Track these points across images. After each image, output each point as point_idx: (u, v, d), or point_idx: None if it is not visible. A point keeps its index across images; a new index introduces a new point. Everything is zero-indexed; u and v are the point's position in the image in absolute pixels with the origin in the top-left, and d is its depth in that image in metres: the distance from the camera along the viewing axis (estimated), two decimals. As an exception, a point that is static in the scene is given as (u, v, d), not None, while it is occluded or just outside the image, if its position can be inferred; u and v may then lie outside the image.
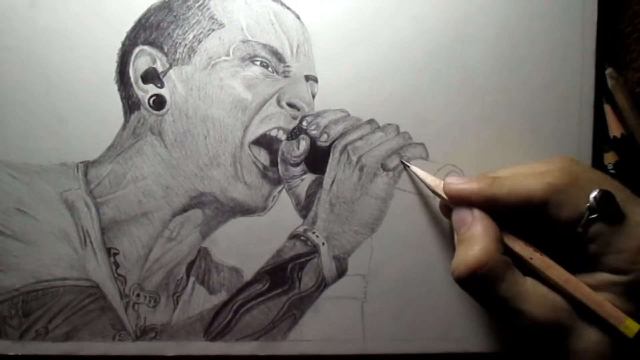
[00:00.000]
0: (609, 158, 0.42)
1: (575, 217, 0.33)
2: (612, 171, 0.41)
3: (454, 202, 0.37)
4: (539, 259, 0.34)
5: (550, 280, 0.33)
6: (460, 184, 0.36)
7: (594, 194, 0.32)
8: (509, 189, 0.34)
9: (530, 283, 0.34)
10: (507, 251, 0.35)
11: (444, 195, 0.37)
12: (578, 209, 0.33)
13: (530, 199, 0.33)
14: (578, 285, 0.32)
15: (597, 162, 0.42)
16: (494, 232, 0.35)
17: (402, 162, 0.41)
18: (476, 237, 0.34)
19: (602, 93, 0.42)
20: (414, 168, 0.40)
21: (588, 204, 0.32)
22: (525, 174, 0.35)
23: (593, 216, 0.32)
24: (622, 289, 0.32)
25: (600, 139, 0.42)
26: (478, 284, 0.34)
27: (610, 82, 0.41)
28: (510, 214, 0.35)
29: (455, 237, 0.36)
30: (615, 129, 0.41)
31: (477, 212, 0.35)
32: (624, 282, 0.32)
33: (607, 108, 0.42)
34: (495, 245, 0.34)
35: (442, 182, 0.37)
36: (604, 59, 0.42)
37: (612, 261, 0.32)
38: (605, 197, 0.32)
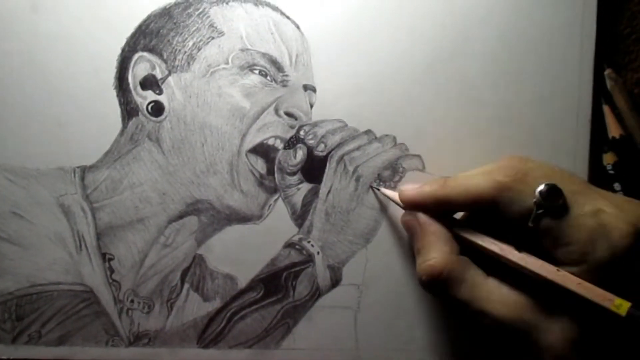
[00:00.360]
0: (608, 159, 0.42)
1: (525, 213, 0.33)
2: (611, 172, 0.41)
3: (410, 209, 0.38)
4: (509, 252, 0.34)
5: (525, 270, 0.33)
6: (413, 190, 0.37)
7: (539, 188, 0.32)
8: (459, 189, 0.35)
9: (492, 283, 0.34)
10: (471, 249, 0.35)
11: (399, 197, 0.38)
12: (526, 205, 0.33)
13: (479, 197, 0.34)
14: (558, 272, 0.32)
15: (596, 164, 0.42)
16: (445, 235, 0.35)
17: (371, 186, 0.41)
18: (429, 244, 0.35)
19: (601, 94, 0.42)
20: (383, 190, 0.41)
21: (534, 199, 0.32)
22: (475, 174, 0.35)
23: (540, 211, 0.32)
24: None
25: (599, 141, 0.42)
26: (439, 288, 0.34)
27: (609, 83, 0.42)
28: (467, 212, 0.36)
29: (413, 246, 0.37)
30: (614, 130, 0.41)
31: (422, 217, 0.36)
32: (579, 274, 0.32)
33: (606, 109, 0.42)
34: (449, 246, 0.35)
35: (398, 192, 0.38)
36: (603, 61, 0.42)
37: (564, 254, 0.32)
38: (551, 191, 0.32)
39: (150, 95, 0.41)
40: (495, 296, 0.33)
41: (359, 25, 0.42)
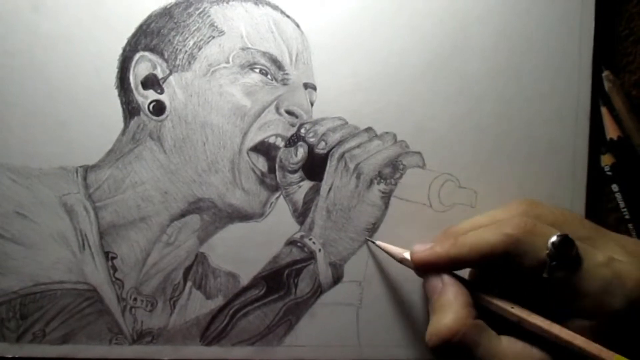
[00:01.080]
0: (606, 160, 0.42)
1: (537, 265, 0.32)
2: (609, 173, 0.42)
3: (422, 270, 0.37)
4: (518, 309, 0.33)
5: (533, 327, 0.33)
6: (425, 251, 0.36)
7: (552, 239, 0.32)
8: (470, 246, 0.34)
9: (505, 342, 0.33)
10: (482, 310, 0.35)
11: (411, 265, 0.37)
12: (538, 257, 0.32)
13: (491, 253, 0.33)
14: (561, 329, 0.32)
15: (594, 165, 0.42)
16: (464, 297, 0.34)
17: (367, 239, 0.42)
18: (447, 305, 0.34)
19: (598, 96, 0.42)
20: (379, 243, 0.41)
21: (547, 251, 0.32)
22: (485, 228, 0.34)
23: (553, 263, 0.32)
24: (594, 333, 0.32)
25: (597, 142, 0.42)
26: (453, 352, 0.33)
27: (607, 85, 0.42)
28: (480, 268, 0.35)
29: (429, 305, 0.36)
30: (612, 131, 0.42)
31: (446, 279, 0.35)
32: (594, 326, 0.31)
33: (604, 110, 0.42)
34: (466, 311, 0.34)
35: (409, 252, 0.37)
36: (601, 63, 0.42)
37: (580, 305, 0.32)
38: (563, 242, 0.32)
39: (151, 95, 0.42)
40: (511, 355, 0.33)
41: (359, 23, 0.42)
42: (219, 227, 0.42)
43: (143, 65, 0.42)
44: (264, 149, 0.42)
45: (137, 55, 0.42)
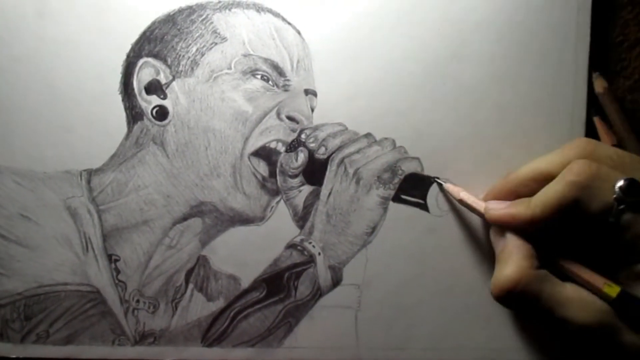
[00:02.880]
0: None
1: (604, 208, 0.33)
2: None
3: (495, 225, 0.38)
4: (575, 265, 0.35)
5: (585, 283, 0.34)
6: (500, 209, 0.37)
7: (619, 183, 0.33)
8: (543, 206, 0.35)
9: (570, 289, 0.34)
10: (548, 262, 0.35)
11: (485, 216, 0.38)
12: (606, 201, 0.33)
13: (562, 205, 0.34)
14: (572, 263, 0.34)
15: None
16: (526, 250, 0.35)
17: (435, 181, 0.42)
18: (508, 257, 0.35)
19: (591, 105, 0.42)
20: (447, 186, 0.41)
21: (615, 195, 0.33)
22: (550, 184, 0.35)
23: (621, 207, 0.32)
24: None
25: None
26: (515, 301, 0.35)
27: (597, 88, 0.42)
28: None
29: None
30: (606, 140, 0.42)
31: (508, 234, 0.37)
32: None
33: (597, 120, 0.42)
34: (528, 262, 0.35)
35: (484, 205, 0.39)
36: (596, 69, 0.43)
37: None
38: (631, 186, 0.32)
39: (154, 100, 0.42)
40: (575, 302, 0.34)
41: (359, 31, 0.42)
42: (220, 230, 0.43)
43: (146, 71, 0.42)
44: (265, 153, 0.43)
45: (141, 61, 0.42)
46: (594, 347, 0.34)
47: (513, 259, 0.35)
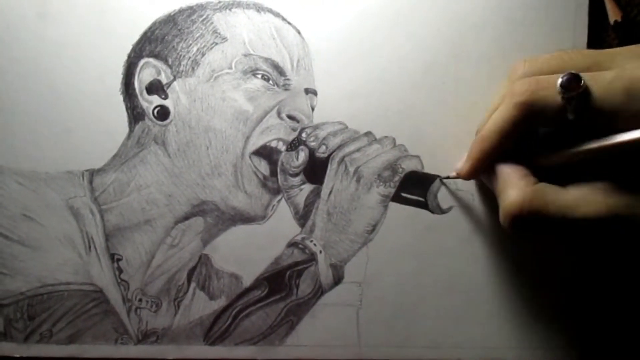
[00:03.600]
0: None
1: (561, 111, 0.32)
2: None
3: (475, 176, 0.39)
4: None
5: (595, 151, 0.33)
6: (465, 164, 0.38)
7: (559, 81, 0.32)
8: (494, 134, 0.35)
9: (572, 190, 0.33)
10: (543, 175, 0.35)
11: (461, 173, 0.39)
12: (557, 105, 0.32)
13: (515, 127, 0.34)
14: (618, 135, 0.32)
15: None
16: (518, 171, 0.35)
17: (441, 180, 0.42)
18: (505, 186, 0.35)
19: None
20: (446, 179, 0.42)
21: (561, 95, 0.32)
22: (496, 111, 0.35)
23: (572, 101, 0.32)
24: None
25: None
26: (529, 223, 0.34)
27: None
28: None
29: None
30: (613, 14, 0.41)
31: (497, 167, 0.36)
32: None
33: None
34: (524, 181, 0.34)
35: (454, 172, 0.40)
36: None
37: (617, 126, 0.31)
38: (571, 80, 0.32)
39: (156, 100, 0.42)
40: (583, 200, 0.33)
41: (359, 30, 0.43)
42: (222, 229, 0.43)
43: (147, 71, 0.42)
44: (266, 152, 0.43)
45: (142, 62, 0.42)
46: (614, 240, 0.34)
47: (509, 184, 0.35)
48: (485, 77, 0.43)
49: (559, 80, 0.32)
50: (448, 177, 0.42)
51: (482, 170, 0.38)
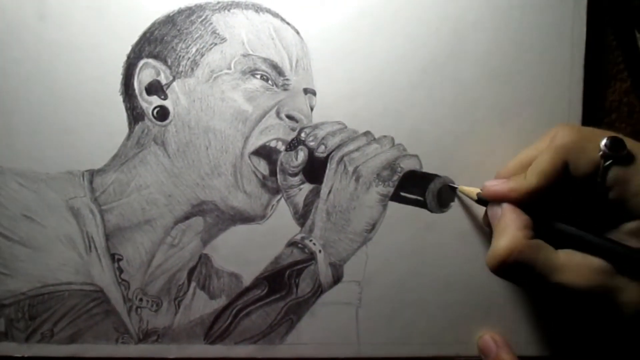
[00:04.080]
0: None
1: (592, 168, 0.34)
2: None
3: (493, 202, 0.39)
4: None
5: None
6: (498, 184, 0.38)
7: (603, 141, 0.34)
8: (537, 174, 0.36)
9: (563, 256, 0.35)
10: (543, 234, 0.36)
11: (479, 197, 0.39)
12: (593, 159, 0.34)
13: (554, 170, 0.35)
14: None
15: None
16: (521, 220, 0.36)
17: (450, 186, 0.42)
18: (503, 229, 0.36)
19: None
20: (460, 188, 0.42)
21: (600, 152, 0.34)
22: (540, 155, 0.36)
23: (608, 162, 0.34)
24: None
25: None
26: (510, 271, 0.35)
27: None
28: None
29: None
30: None
31: (505, 206, 0.37)
32: None
33: None
34: (522, 232, 0.35)
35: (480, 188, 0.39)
36: (592, 73, 0.43)
37: (635, 204, 0.34)
38: (615, 141, 0.34)
39: (155, 101, 0.43)
40: (570, 267, 0.34)
41: (357, 30, 0.43)
42: (221, 229, 0.43)
43: (147, 71, 0.43)
44: (265, 152, 0.43)
45: (141, 62, 0.42)
46: (592, 310, 0.35)
47: (507, 230, 0.36)
48: (484, 76, 0.43)
49: (604, 140, 0.34)
50: (455, 187, 0.42)
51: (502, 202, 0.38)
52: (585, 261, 0.34)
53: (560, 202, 0.36)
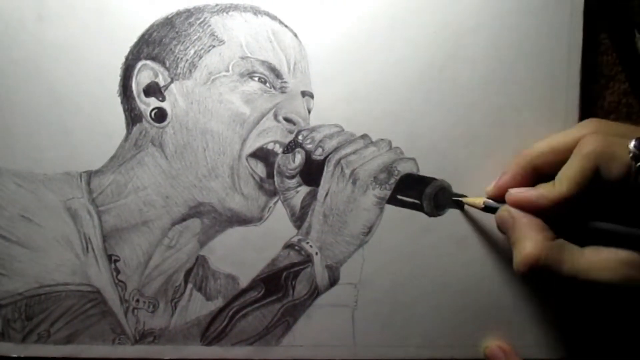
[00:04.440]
0: None
1: (624, 171, 0.34)
2: None
3: (519, 209, 0.38)
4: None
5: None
6: (522, 192, 0.38)
7: (632, 143, 0.34)
8: (568, 181, 0.35)
9: (589, 252, 0.35)
10: (563, 231, 0.36)
11: (486, 205, 0.40)
12: (624, 162, 0.34)
13: (586, 177, 0.35)
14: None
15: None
16: (537, 224, 0.36)
17: (454, 200, 0.43)
18: (523, 235, 0.36)
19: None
20: (464, 200, 0.42)
21: (630, 154, 0.34)
22: (567, 163, 0.36)
23: (639, 164, 0.34)
24: None
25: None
26: (541, 275, 0.35)
27: None
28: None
29: (509, 241, 0.38)
30: None
31: (514, 212, 0.37)
32: None
33: None
34: (543, 235, 0.36)
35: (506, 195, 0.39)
36: (590, 75, 0.43)
37: None
38: None
39: (153, 102, 0.43)
40: (597, 263, 0.34)
41: (355, 33, 0.43)
42: (218, 230, 0.44)
43: (145, 73, 0.43)
44: (262, 155, 0.43)
45: (140, 64, 0.43)
46: (623, 303, 0.35)
47: (528, 235, 0.36)
48: (481, 80, 0.43)
49: (632, 143, 0.34)
50: (460, 202, 0.43)
51: (528, 210, 0.38)
52: (614, 255, 0.34)
53: (589, 205, 0.36)
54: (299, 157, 0.43)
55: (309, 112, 0.43)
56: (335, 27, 0.43)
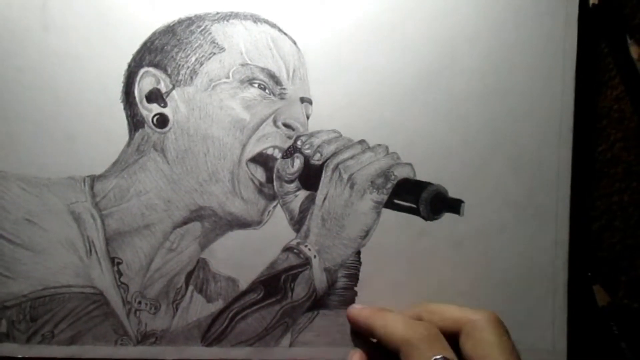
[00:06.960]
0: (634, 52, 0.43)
1: None
2: None
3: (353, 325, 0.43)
4: None
5: None
6: (363, 309, 0.42)
7: (434, 357, 0.35)
8: (385, 328, 0.39)
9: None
10: None
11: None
12: None
13: (391, 344, 0.38)
14: None
15: (576, 177, 0.44)
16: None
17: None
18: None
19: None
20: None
21: None
22: (404, 322, 0.38)
23: None
24: None
25: (580, 162, 0.44)
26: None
27: (633, 54, 0.43)
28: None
29: None
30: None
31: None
32: None
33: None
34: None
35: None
36: (583, 81, 0.44)
37: None
38: None
39: (155, 108, 0.44)
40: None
41: (354, 42, 0.44)
42: (219, 234, 0.44)
43: (147, 80, 0.43)
44: (262, 160, 0.44)
45: (142, 71, 0.43)
46: None
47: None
48: (476, 89, 0.44)
49: (435, 357, 0.35)
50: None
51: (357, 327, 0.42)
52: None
53: None
54: (297, 162, 0.44)
55: (308, 118, 0.44)
56: (333, 35, 0.44)
